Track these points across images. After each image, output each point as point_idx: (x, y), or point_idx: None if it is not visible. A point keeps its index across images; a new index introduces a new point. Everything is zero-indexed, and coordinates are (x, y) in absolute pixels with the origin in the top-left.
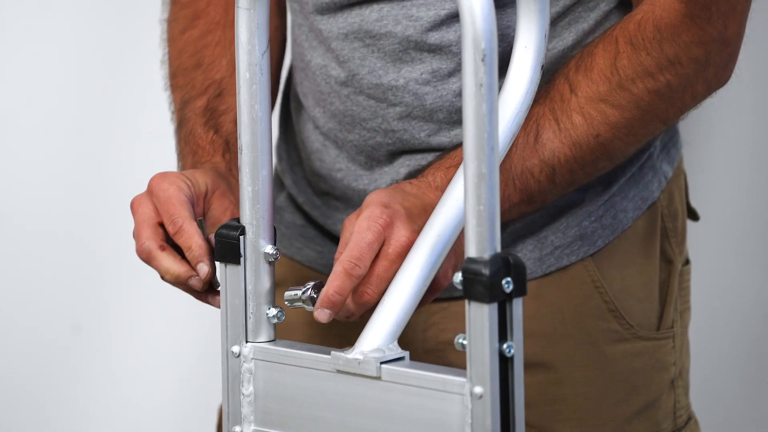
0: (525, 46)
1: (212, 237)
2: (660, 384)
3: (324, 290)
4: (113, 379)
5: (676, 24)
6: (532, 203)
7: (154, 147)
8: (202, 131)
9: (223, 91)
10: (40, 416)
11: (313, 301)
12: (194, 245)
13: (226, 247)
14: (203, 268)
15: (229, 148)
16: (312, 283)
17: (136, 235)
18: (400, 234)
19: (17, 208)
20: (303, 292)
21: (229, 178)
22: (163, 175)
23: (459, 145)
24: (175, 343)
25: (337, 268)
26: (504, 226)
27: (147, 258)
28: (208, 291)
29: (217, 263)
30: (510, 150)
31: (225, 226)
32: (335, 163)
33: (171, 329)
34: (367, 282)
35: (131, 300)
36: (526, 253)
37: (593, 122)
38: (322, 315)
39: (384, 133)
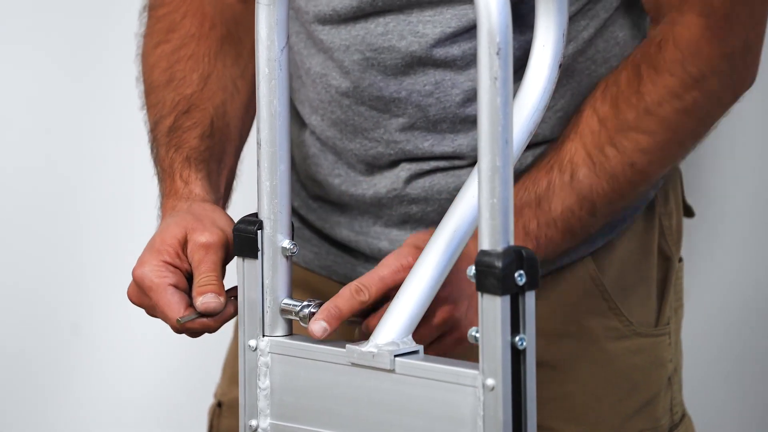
0: (543, 44)
1: (198, 306)
2: (659, 380)
3: (326, 304)
4: (112, 379)
5: (697, 39)
6: (575, 239)
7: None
8: (164, 152)
9: (191, 107)
10: (40, 416)
11: (310, 317)
12: (213, 327)
13: (244, 241)
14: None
15: (189, 164)
16: (312, 302)
17: (163, 308)
18: None
19: (17, 208)
20: (300, 309)
21: (191, 207)
22: (142, 265)
23: None
24: (170, 343)
25: (344, 289)
26: (547, 263)
27: (187, 332)
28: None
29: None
30: (548, 193)
31: (243, 221)
32: (333, 169)
33: (165, 328)
34: (375, 316)
35: (125, 299)
36: None
37: (626, 151)
38: (317, 327)
39: (386, 143)
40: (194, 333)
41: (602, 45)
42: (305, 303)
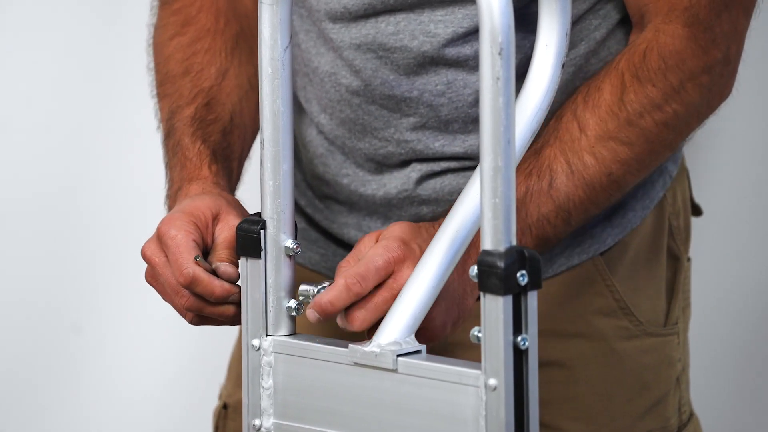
0: (546, 44)
1: (218, 265)
2: (668, 380)
3: (319, 296)
4: (115, 380)
5: (680, 50)
6: (547, 246)
7: (154, 146)
8: (189, 142)
9: (211, 101)
10: (41, 416)
11: None
12: (216, 289)
13: (247, 241)
14: (235, 299)
15: (216, 159)
16: (327, 283)
17: (164, 271)
18: (408, 272)
19: (16, 207)
20: (318, 290)
21: (222, 193)
22: (170, 220)
23: None
24: (174, 343)
25: (339, 281)
26: None
27: (191, 282)
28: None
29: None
30: (525, 198)
31: (246, 221)
32: (341, 169)
33: (169, 329)
34: (361, 306)
35: (129, 299)
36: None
37: (605, 161)
38: (311, 315)
39: (396, 143)
40: (195, 294)
41: (615, 47)
42: (320, 285)
